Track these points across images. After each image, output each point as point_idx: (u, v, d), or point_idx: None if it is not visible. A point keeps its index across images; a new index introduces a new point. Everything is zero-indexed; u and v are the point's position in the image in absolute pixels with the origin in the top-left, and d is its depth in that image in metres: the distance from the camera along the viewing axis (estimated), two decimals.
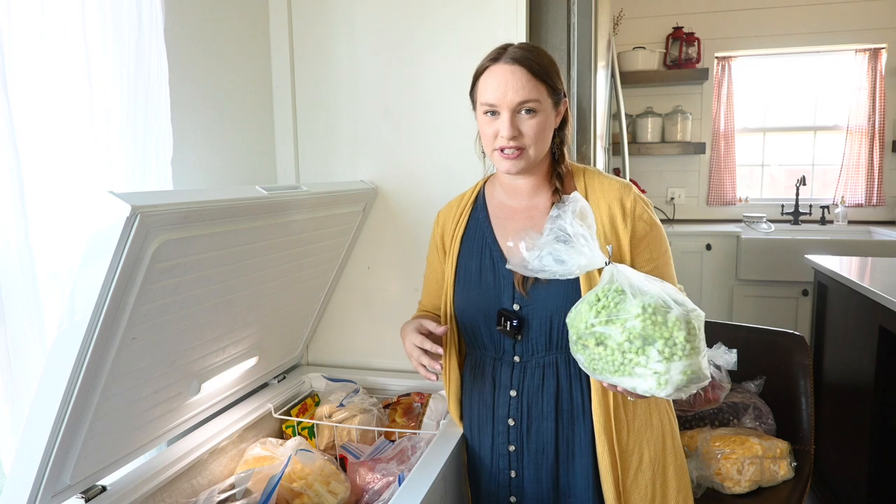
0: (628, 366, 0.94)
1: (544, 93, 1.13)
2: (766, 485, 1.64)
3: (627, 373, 0.94)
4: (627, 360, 0.93)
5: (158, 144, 1.28)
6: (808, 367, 1.83)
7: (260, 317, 1.45)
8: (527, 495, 1.22)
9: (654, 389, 0.93)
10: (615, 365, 0.95)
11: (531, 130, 1.12)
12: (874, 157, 3.69)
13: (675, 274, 1.23)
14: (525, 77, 1.10)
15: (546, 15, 1.68)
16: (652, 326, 0.92)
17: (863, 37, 3.64)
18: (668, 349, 0.91)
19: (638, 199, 1.18)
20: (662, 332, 0.92)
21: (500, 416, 1.23)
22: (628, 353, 0.93)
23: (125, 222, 0.88)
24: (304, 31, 1.74)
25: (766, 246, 3.34)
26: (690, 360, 0.92)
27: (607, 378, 0.97)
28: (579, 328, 0.98)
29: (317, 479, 1.30)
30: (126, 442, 1.16)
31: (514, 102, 1.11)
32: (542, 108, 1.13)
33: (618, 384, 0.97)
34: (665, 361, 0.91)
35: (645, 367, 0.93)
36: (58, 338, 0.92)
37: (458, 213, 1.31)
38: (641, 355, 0.92)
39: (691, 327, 0.94)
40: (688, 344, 0.92)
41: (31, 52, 1.05)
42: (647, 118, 3.82)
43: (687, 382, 0.93)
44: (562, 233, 0.99)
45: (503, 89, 1.11)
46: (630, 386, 0.95)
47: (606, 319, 0.95)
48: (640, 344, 0.92)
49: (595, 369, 0.98)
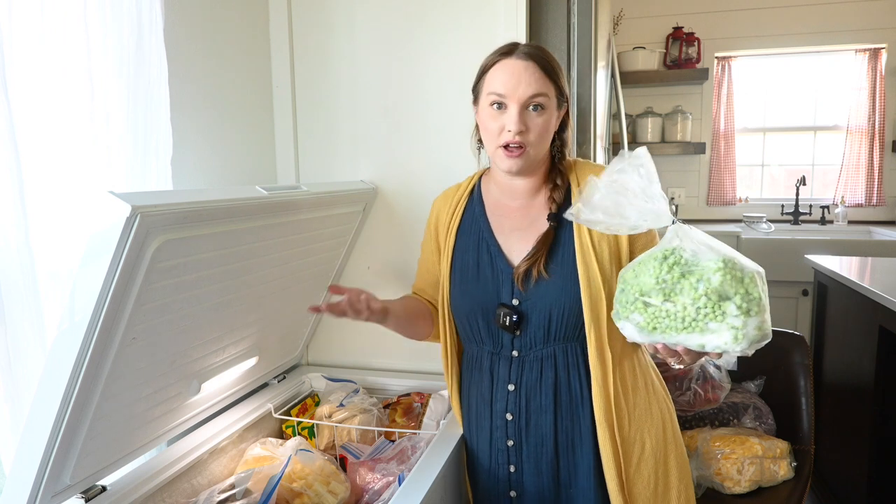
0: (701, 321, 0.92)
1: (553, 91, 1.14)
2: (766, 485, 1.65)
3: (699, 329, 0.93)
4: (701, 315, 0.92)
5: (158, 144, 1.28)
6: (808, 367, 1.83)
7: (260, 317, 1.45)
8: (527, 489, 1.22)
9: (729, 344, 0.92)
10: (685, 321, 0.93)
11: (537, 127, 1.13)
12: (874, 157, 3.69)
13: None
14: (538, 73, 1.12)
15: (546, 15, 1.68)
16: (731, 281, 0.91)
17: (863, 37, 3.64)
18: (746, 304, 0.91)
19: None
20: (739, 288, 0.91)
21: (497, 411, 1.23)
22: (703, 308, 0.92)
23: (125, 222, 0.88)
24: (304, 31, 1.74)
25: (766, 246, 3.34)
26: (763, 315, 0.93)
27: (670, 337, 0.95)
28: (646, 284, 0.95)
29: (317, 479, 1.30)
30: (126, 442, 1.16)
31: (525, 96, 1.11)
32: (549, 107, 1.14)
33: (682, 342, 0.95)
34: (743, 316, 0.91)
35: (721, 322, 0.91)
36: (58, 338, 0.92)
37: (453, 204, 1.31)
38: (718, 311, 0.91)
39: (763, 284, 0.94)
40: (762, 300, 0.93)
41: (31, 52, 1.05)
42: (647, 118, 3.81)
43: (761, 338, 0.93)
44: (623, 188, 0.98)
45: (515, 81, 1.11)
46: (698, 343, 0.93)
47: (680, 274, 0.93)
48: (716, 299, 0.91)
49: (657, 328, 0.96)
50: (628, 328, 1.00)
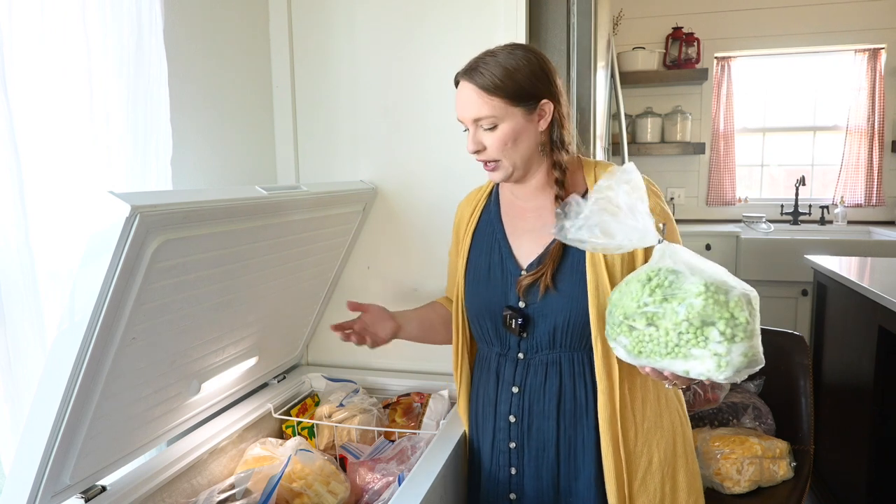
0: (684, 347, 0.89)
1: (499, 105, 1.09)
2: (765, 485, 1.65)
3: (682, 355, 0.89)
4: (683, 340, 0.88)
5: (158, 144, 1.28)
6: (807, 367, 1.84)
7: (260, 317, 1.45)
8: (526, 493, 1.22)
9: (712, 372, 0.88)
10: (668, 347, 0.90)
11: (493, 144, 1.12)
12: (874, 157, 3.69)
13: None
14: (475, 94, 1.10)
15: (546, 15, 1.68)
16: (714, 305, 0.87)
17: (862, 37, 3.64)
18: (730, 329, 0.87)
19: (652, 193, 1.14)
20: (723, 313, 0.87)
21: (501, 413, 1.22)
22: (685, 333, 0.88)
23: (125, 222, 0.88)
24: (304, 31, 1.74)
25: (766, 246, 3.34)
26: (751, 341, 0.88)
27: (655, 362, 0.92)
28: (629, 308, 0.92)
29: (317, 479, 1.30)
30: (126, 442, 1.16)
31: (470, 119, 1.13)
32: (502, 120, 1.11)
33: (667, 368, 0.92)
34: (727, 342, 0.87)
35: (704, 349, 0.87)
36: (58, 338, 0.92)
37: (472, 206, 1.32)
38: (700, 336, 0.87)
39: (752, 308, 0.89)
40: (749, 325, 0.88)
41: (31, 52, 1.05)
42: (647, 118, 3.82)
43: (746, 365, 0.88)
44: (610, 205, 0.93)
45: (461, 106, 1.14)
46: (682, 369, 0.90)
47: (662, 298, 0.90)
48: (698, 324, 0.87)
49: (642, 352, 0.93)
50: (618, 350, 0.98)
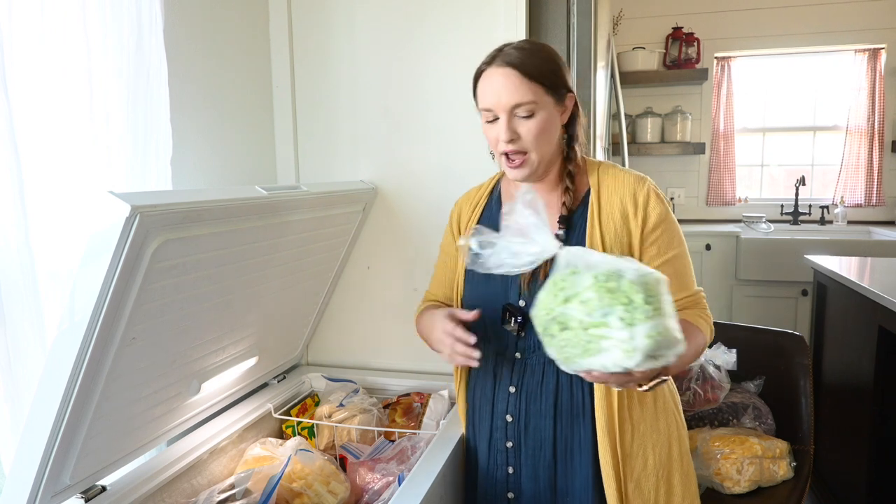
0: (595, 343, 0.89)
1: (541, 92, 1.10)
2: (765, 485, 1.64)
3: (595, 350, 0.89)
4: (592, 336, 0.89)
5: (158, 144, 1.28)
6: (807, 367, 1.83)
7: (260, 317, 1.45)
8: (524, 492, 1.21)
9: (622, 360, 0.87)
10: (582, 346, 0.90)
11: (530, 133, 1.10)
12: (874, 157, 3.69)
13: (692, 275, 1.19)
14: (517, 79, 1.09)
15: (546, 15, 1.68)
16: (608, 294, 0.87)
17: (862, 37, 3.64)
18: (629, 314, 0.86)
19: (651, 193, 1.15)
20: (620, 299, 0.87)
21: (498, 412, 1.22)
22: (591, 328, 0.88)
23: (125, 222, 0.88)
24: (304, 31, 1.74)
25: (766, 246, 3.34)
26: (655, 321, 0.86)
27: (580, 364, 0.92)
28: (542, 318, 0.94)
29: (317, 479, 1.30)
30: (126, 442, 1.16)
31: (508, 106, 1.09)
32: (540, 109, 1.10)
33: (591, 368, 0.91)
34: (628, 327, 0.86)
35: (610, 339, 0.87)
36: (58, 338, 0.92)
37: (473, 203, 1.31)
38: (604, 327, 0.87)
39: (650, 289, 0.88)
40: (648, 305, 0.86)
41: (31, 52, 1.05)
42: (647, 118, 3.82)
43: (656, 346, 0.86)
44: (514, 229, 0.96)
45: (497, 93, 1.10)
46: (600, 365, 0.89)
47: (564, 299, 0.91)
48: (599, 316, 0.87)
49: (567, 358, 0.93)
50: (557, 363, 0.98)
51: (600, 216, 1.15)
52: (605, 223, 1.15)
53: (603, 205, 1.16)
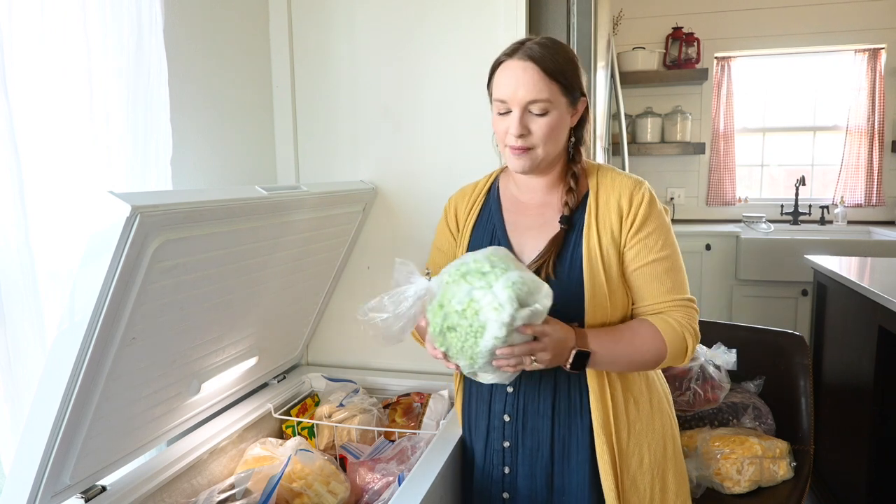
0: (475, 322, 0.96)
1: (557, 92, 1.10)
2: (765, 485, 1.64)
3: (480, 329, 0.96)
4: (471, 318, 0.96)
5: (158, 144, 1.28)
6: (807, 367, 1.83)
7: (260, 317, 1.45)
8: (520, 492, 1.21)
9: (500, 319, 0.94)
10: (472, 333, 0.97)
11: (540, 130, 1.10)
12: (874, 157, 3.69)
13: (683, 281, 1.17)
14: (537, 75, 1.08)
15: (546, 15, 1.68)
16: (463, 279, 0.98)
17: (862, 37, 3.64)
18: (485, 280, 0.96)
19: (646, 196, 1.15)
20: (473, 275, 0.98)
21: (495, 412, 1.22)
22: (467, 312, 0.97)
23: (125, 222, 0.88)
24: (304, 31, 1.74)
25: (766, 246, 3.34)
26: (507, 273, 0.96)
27: (481, 351, 0.97)
28: (440, 339, 1.01)
29: (317, 479, 1.30)
30: (126, 442, 1.16)
31: (524, 100, 1.09)
32: (554, 108, 1.10)
33: (485, 347, 0.96)
34: (486, 288, 0.96)
35: (483, 310, 0.95)
36: (58, 338, 0.92)
37: (470, 201, 1.30)
38: (474, 304, 0.96)
39: (493, 258, 1.00)
40: (495, 268, 0.97)
41: (31, 52, 1.05)
42: (647, 118, 3.82)
43: (520, 294, 0.95)
44: (395, 282, 1.06)
45: (514, 86, 1.09)
46: (492, 338, 0.95)
47: (439, 306, 1.00)
48: (466, 299, 0.97)
49: (472, 356, 0.98)
50: (479, 377, 1.05)
51: (597, 217, 1.16)
52: (602, 223, 1.15)
53: (601, 206, 1.16)
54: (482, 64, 1.22)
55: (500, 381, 1.05)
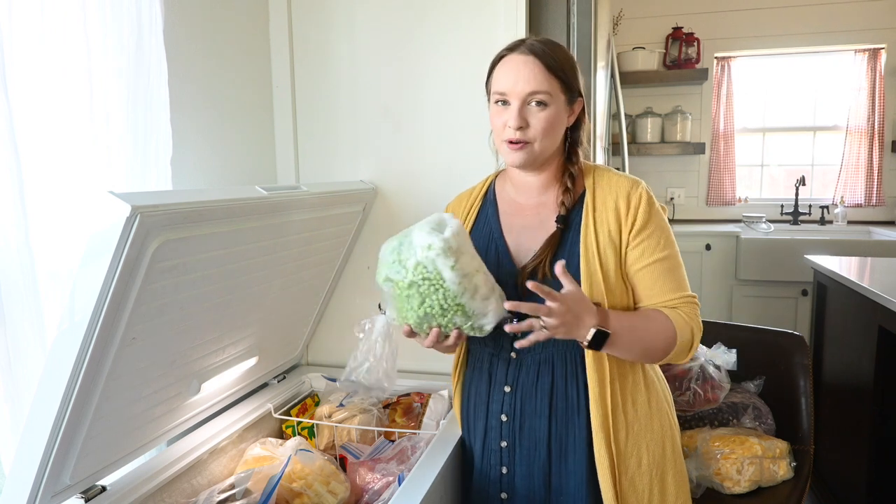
0: (428, 276, 1.03)
1: (557, 87, 1.11)
2: (765, 485, 1.64)
3: (437, 277, 1.02)
4: (423, 278, 1.03)
5: (158, 144, 1.28)
6: (807, 367, 1.83)
7: (260, 317, 1.45)
8: (518, 492, 1.21)
9: (437, 252, 1.01)
10: (433, 287, 1.03)
11: (539, 123, 1.11)
12: (874, 157, 3.69)
13: (684, 279, 1.18)
14: (538, 68, 1.10)
15: (546, 15, 1.69)
16: (392, 265, 1.05)
17: (862, 37, 3.64)
18: (402, 250, 1.04)
19: (644, 196, 1.15)
20: (389, 260, 1.06)
21: (493, 412, 1.22)
22: (416, 278, 1.03)
23: (125, 222, 0.88)
24: (304, 31, 1.74)
25: (766, 246, 3.34)
26: (410, 228, 1.06)
27: (461, 297, 1.03)
28: (426, 323, 1.08)
29: (317, 479, 1.30)
30: (126, 442, 1.16)
31: (524, 92, 1.10)
32: (553, 103, 1.11)
33: (462, 281, 1.02)
34: (410, 251, 1.03)
35: (426, 265, 1.02)
36: (58, 338, 0.92)
37: (467, 206, 1.31)
38: (417, 268, 1.03)
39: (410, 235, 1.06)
40: (401, 237, 1.07)
41: (31, 52, 1.05)
42: (647, 118, 3.82)
43: (436, 227, 1.04)
44: (362, 341, 1.26)
45: (514, 78, 1.11)
46: (450, 272, 1.02)
47: (402, 302, 1.08)
48: (406, 270, 1.03)
49: (459, 305, 1.04)
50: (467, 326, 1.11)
51: (594, 217, 1.16)
52: (599, 223, 1.16)
53: (597, 206, 1.17)
54: (482, 64, 1.22)
55: (499, 315, 1.08)
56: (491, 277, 1.09)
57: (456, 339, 1.11)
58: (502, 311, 1.08)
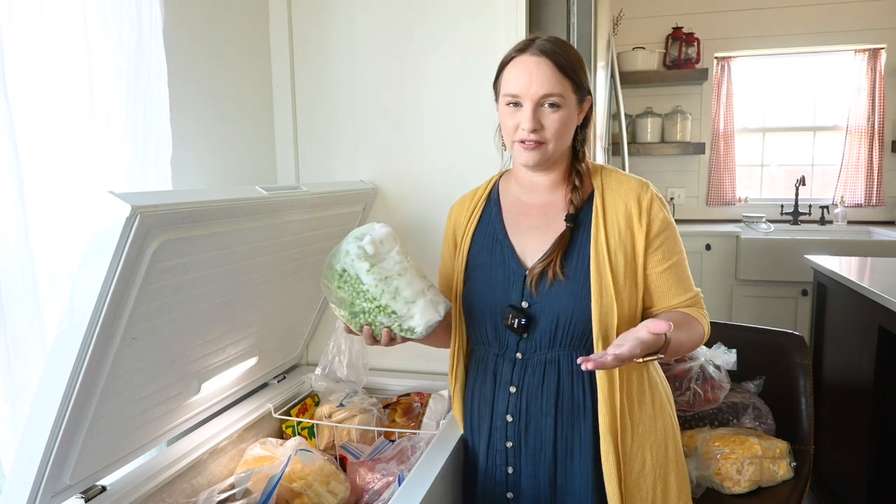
0: (353, 285, 1.12)
1: (569, 88, 1.11)
2: (765, 485, 1.65)
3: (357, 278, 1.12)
4: (352, 283, 1.12)
5: (158, 144, 1.28)
6: (807, 367, 1.83)
7: (260, 317, 1.45)
8: (524, 491, 1.21)
9: (357, 256, 1.10)
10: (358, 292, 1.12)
11: (553, 125, 1.11)
12: (874, 157, 3.69)
13: (691, 278, 1.21)
14: (550, 70, 1.09)
15: (546, 15, 1.69)
16: (332, 282, 1.14)
17: (862, 37, 3.64)
18: (336, 262, 1.14)
19: (655, 198, 1.16)
20: (329, 273, 1.15)
21: (498, 412, 1.22)
22: (345, 288, 1.13)
23: (125, 222, 0.88)
24: (304, 31, 1.74)
25: (766, 246, 3.34)
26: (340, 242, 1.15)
27: (382, 299, 1.11)
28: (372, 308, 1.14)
29: (317, 479, 1.30)
30: (126, 442, 1.16)
31: (537, 95, 1.10)
32: (566, 104, 1.11)
33: (376, 282, 1.11)
34: (338, 256, 1.13)
35: (351, 268, 1.12)
36: (58, 338, 0.92)
37: (470, 207, 1.30)
38: (344, 275, 1.13)
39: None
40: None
41: (31, 52, 1.05)
42: (647, 118, 3.82)
43: (358, 235, 1.13)
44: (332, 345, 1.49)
45: (528, 80, 1.10)
46: (366, 275, 1.11)
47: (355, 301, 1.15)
48: (346, 278, 1.13)
49: (383, 307, 1.12)
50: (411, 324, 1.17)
51: (605, 218, 1.16)
52: (610, 225, 1.15)
53: (608, 207, 1.17)
54: (482, 64, 1.22)
55: (429, 319, 1.13)
56: (421, 282, 1.15)
57: (388, 339, 1.15)
58: (433, 314, 1.13)
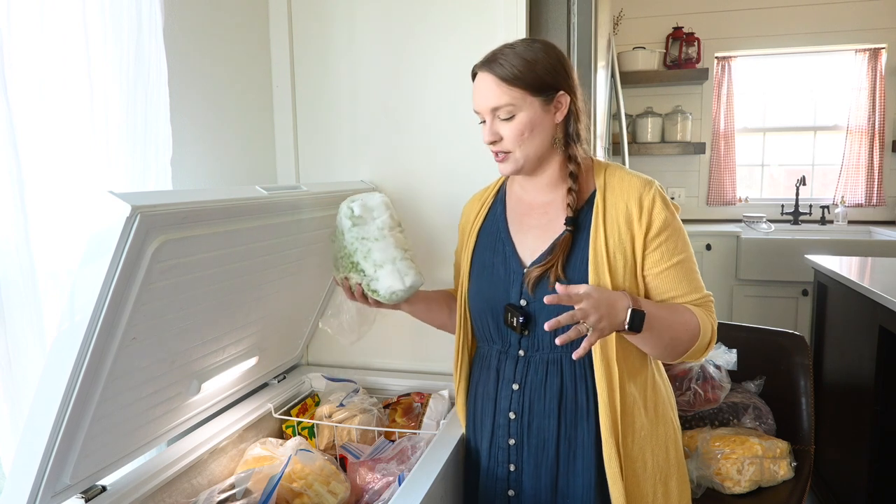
0: (342, 246, 1.32)
1: (518, 95, 1.10)
2: (765, 485, 1.65)
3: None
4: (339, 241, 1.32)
5: (158, 144, 1.28)
6: (808, 367, 1.83)
7: (260, 317, 1.45)
8: (525, 489, 1.21)
9: (342, 221, 1.31)
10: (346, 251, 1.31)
11: (510, 133, 1.12)
12: (874, 157, 3.69)
13: (699, 279, 1.17)
14: (493, 82, 1.11)
15: (546, 15, 1.68)
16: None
17: (863, 37, 3.64)
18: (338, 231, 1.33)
19: (657, 197, 1.14)
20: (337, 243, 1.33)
21: (501, 409, 1.22)
22: (340, 248, 1.31)
23: (125, 222, 0.88)
24: (304, 31, 1.74)
25: (766, 246, 3.34)
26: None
27: (356, 257, 1.29)
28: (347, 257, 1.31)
29: (317, 479, 1.30)
30: (126, 442, 1.16)
31: (487, 109, 1.13)
32: (520, 110, 1.11)
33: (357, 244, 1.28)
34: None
35: (345, 234, 1.30)
36: (58, 338, 0.92)
37: (479, 205, 1.32)
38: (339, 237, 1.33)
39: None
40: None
41: (31, 52, 1.05)
42: (647, 118, 3.82)
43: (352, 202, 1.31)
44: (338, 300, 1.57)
45: (478, 97, 1.14)
46: (349, 236, 1.30)
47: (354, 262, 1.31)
48: (337, 231, 1.33)
49: (355, 264, 1.28)
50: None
51: (605, 218, 1.15)
52: (610, 226, 1.14)
53: (608, 207, 1.15)
54: None
55: (391, 286, 1.25)
56: (395, 251, 1.27)
57: (361, 296, 1.30)
58: (397, 283, 1.24)
